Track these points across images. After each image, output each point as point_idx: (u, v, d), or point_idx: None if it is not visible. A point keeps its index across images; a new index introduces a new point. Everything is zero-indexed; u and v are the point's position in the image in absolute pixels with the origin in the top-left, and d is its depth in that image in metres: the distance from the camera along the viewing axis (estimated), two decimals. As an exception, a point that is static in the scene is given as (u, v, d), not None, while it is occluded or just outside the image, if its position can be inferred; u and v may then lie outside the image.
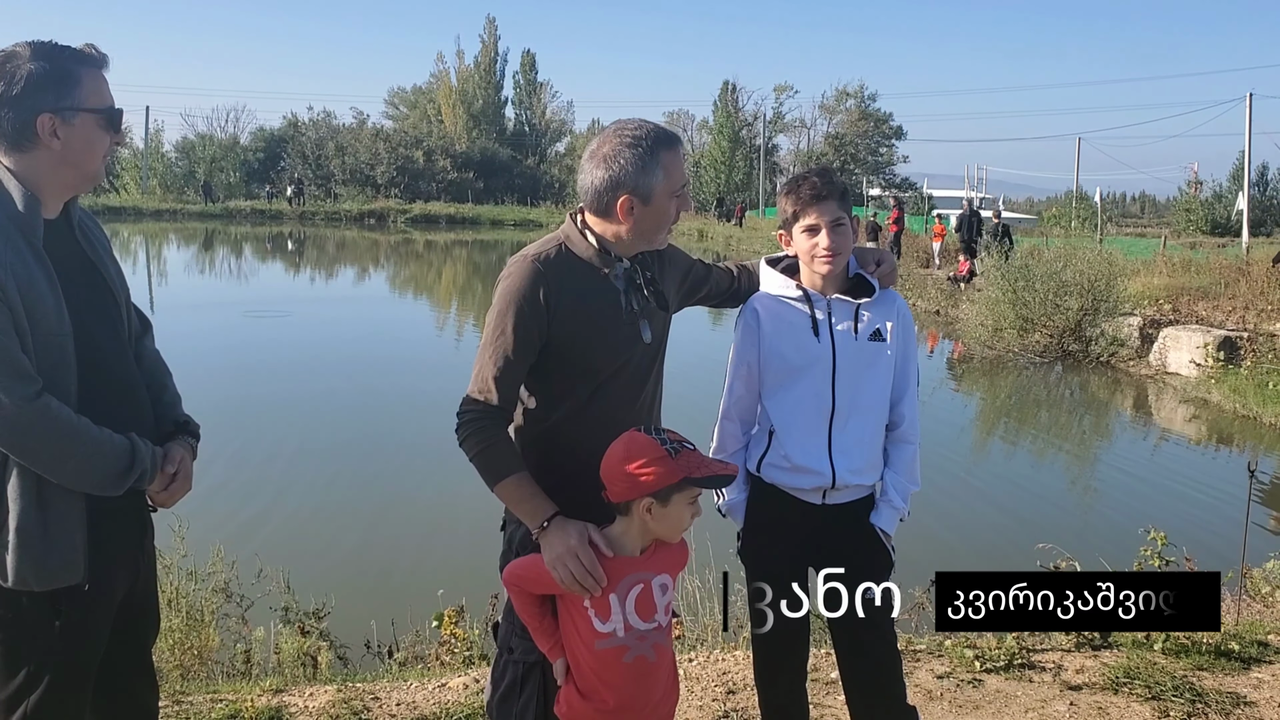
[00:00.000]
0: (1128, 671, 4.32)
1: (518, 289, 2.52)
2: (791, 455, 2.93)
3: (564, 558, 2.35)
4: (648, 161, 2.53)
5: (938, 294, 24.40)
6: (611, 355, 2.60)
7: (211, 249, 40.00)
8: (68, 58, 2.29)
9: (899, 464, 3.06)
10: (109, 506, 2.33)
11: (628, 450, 2.34)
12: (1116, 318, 17.60)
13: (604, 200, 2.57)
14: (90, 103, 2.30)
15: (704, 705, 4.06)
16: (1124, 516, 8.83)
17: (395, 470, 9.88)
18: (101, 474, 2.26)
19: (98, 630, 2.39)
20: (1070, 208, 49.15)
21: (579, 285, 2.57)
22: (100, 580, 2.35)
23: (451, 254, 40.40)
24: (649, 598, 2.41)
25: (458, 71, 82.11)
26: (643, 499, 2.33)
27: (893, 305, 3.01)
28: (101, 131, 2.34)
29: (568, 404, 2.60)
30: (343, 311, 23.06)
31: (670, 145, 2.58)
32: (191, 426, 2.59)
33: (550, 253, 2.59)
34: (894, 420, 3.05)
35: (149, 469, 2.35)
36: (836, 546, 2.97)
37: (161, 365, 2.66)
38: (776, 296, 2.98)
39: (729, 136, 69.24)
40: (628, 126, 2.56)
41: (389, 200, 58.98)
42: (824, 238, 2.86)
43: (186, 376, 2.75)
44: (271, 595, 5.33)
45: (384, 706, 4.03)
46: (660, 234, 2.65)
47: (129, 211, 50.13)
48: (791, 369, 2.93)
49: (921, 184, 65.88)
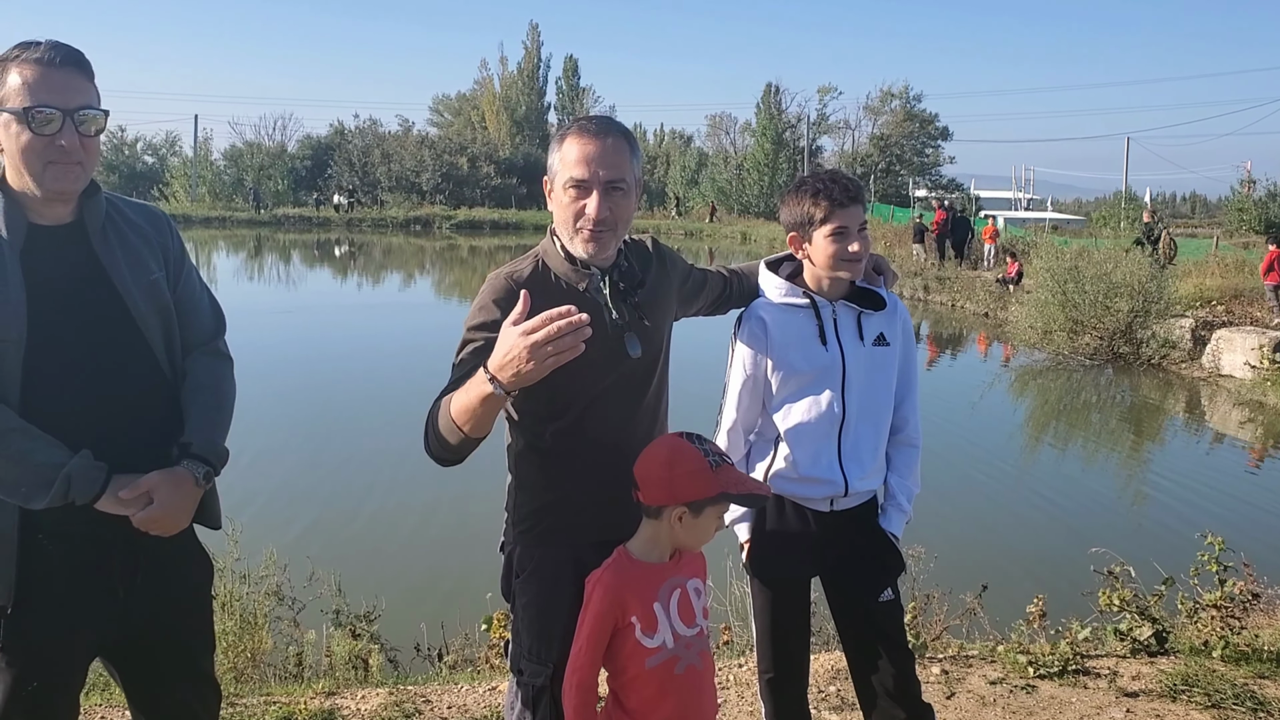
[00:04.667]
0: (1185, 679, 4.25)
1: (485, 305, 2.42)
2: (802, 465, 2.88)
3: (523, 343, 2.08)
4: (553, 144, 2.46)
5: (986, 296, 24.14)
6: (595, 374, 2.43)
7: (260, 255, 40.48)
8: (11, 57, 2.18)
9: (903, 467, 3.03)
10: (63, 531, 2.23)
11: (671, 456, 2.30)
12: (1168, 319, 17.35)
13: (546, 189, 2.52)
14: (10, 103, 2.16)
15: (754, 711, 4.04)
16: (1179, 521, 8.70)
17: (443, 474, 9.92)
18: (21, 483, 2.14)
19: (43, 656, 2.27)
20: (1119, 208, 48.41)
21: (555, 303, 2.24)
22: (38, 607, 2.24)
23: (495, 259, 40.51)
24: (687, 602, 2.39)
25: (501, 78, 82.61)
26: (677, 507, 2.29)
27: (895, 309, 2.98)
28: (24, 131, 2.16)
29: (559, 423, 2.48)
30: (391, 317, 23.26)
31: (580, 133, 2.41)
32: (194, 449, 2.34)
33: (525, 269, 2.48)
34: (897, 423, 3.02)
35: (77, 488, 2.16)
36: (845, 552, 2.95)
37: (203, 383, 2.46)
38: (781, 304, 2.91)
39: (772, 139, 68.88)
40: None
41: (434, 206, 59.46)
42: (855, 243, 2.80)
43: (238, 382, 2.67)
44: (323, 598, 5.38)
45: (435, 709, 4.05)
46: (577, 230, 2.42)
47: (179, 219, 50.35)
48: (801, 378, 2.88)
49: (968, 185, 65.27)
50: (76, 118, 2.21)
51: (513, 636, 2.62)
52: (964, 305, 24.75)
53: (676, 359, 2.74)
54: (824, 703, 4.10)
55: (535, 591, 2.49)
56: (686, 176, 75.79)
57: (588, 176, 2.39)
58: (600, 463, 2.45)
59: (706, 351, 3.67)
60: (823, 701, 4.10)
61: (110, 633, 2.38)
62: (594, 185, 2.39)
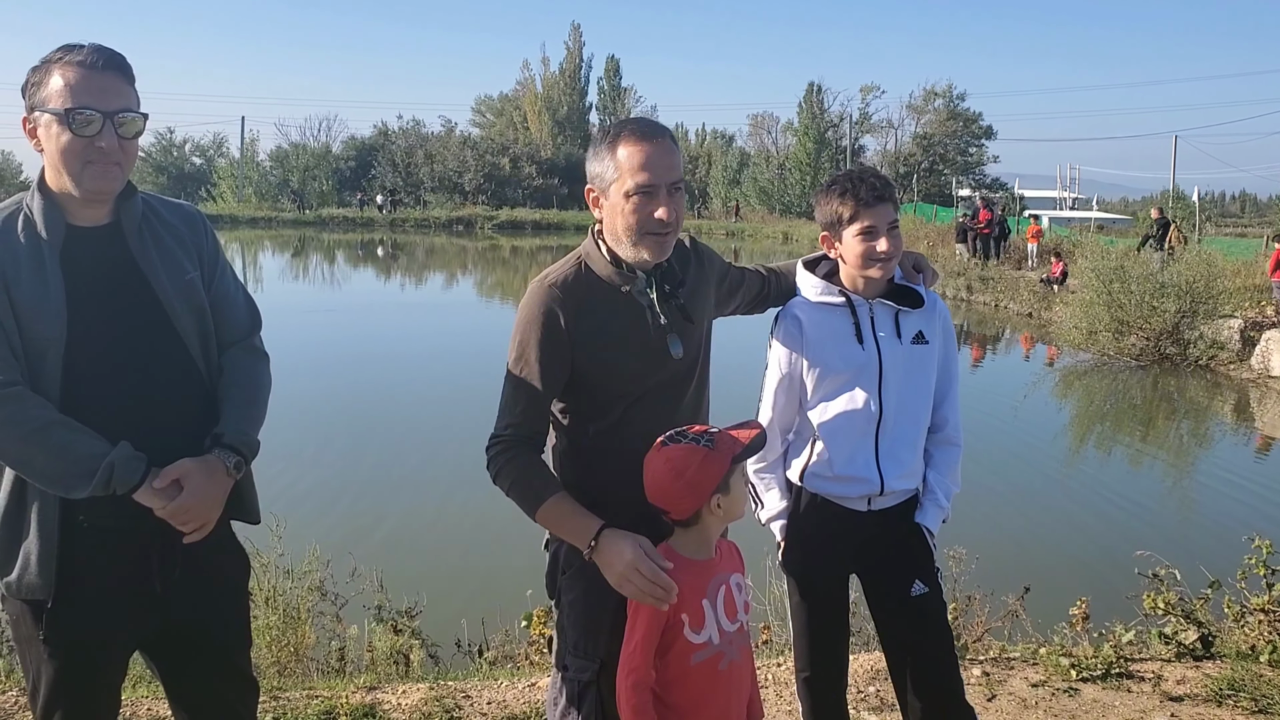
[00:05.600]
0: (1232, 683, 4.19)
1: (533, 317, 2.43)
2: (837, 464, 2.87)
3: (627, 574, 2.25)
4: (603, 152, 2.41)
5: (1030, 296, 23.90)
6: (640, 375, 2.49)
7: (304, 255, 40.88)
8: (54, 60, 2.23)
9: (943, 465, 3.00)
10: (103, 526, 2.27)
11: (672, 466, 2.30)
12: (1216, 320, 17.09)
13: (590, 197, 2.51)
14: (51, 104, 2.21)
15: (793, 710, 4.03)
16: (1226, 524, 8.56)
17: (482, 470, 9.98)
18: (63, 474, 2.18)
19: (83, 649, 2.32)
20: (1167, 208, 47.81)
21: (600, 307, 2.45)
22: (78, 601, 2.28)
23: (537, 259, 40.72)
24: (730, 598, 2.40)
25: (543, 78, 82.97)
26: (710, 499, 2.31)
27: (934, 307, 2.96)
28: (64, 132, 2.21)
29: (601, 423, 2.51)
30: (434, 317, 23.43)
31: (635, 138, 2.38)
32: (226, 439, 2.36)
33: (569, 275, 2.47)
34: (937, 423, 3.00)
35: (119, 477, 2.19)
36: (881, 551, 2.94)
37: (236, 378, 2.49)
38: (818, 303, 2.90)
39: (814, 138, 68.65)
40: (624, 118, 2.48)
41: (476, 207, 59.90)
42: (884, 242, 2.79)
43: (281, 382, 2.71)
44: (365, 594, 5.43)
45: (475, 705, 4.08)
46: (636, 236, 2.41)
47: (225, 219, 51.44)
48: (837, 377, 2.86)
49: (1013, 184, 64.67)
50: (116, 120, 2.24)
51: (557, 632, 2.63)
52: (1007, 305, 24.52)
53: (719, 361, 2.75)
54: (863, 703, 4.08)
55: (582, 588, 2.50)
56: (728, 176, 75.69)
57: (654, 181, 2.37)
58: (641, 463, 2.46)
59: (749, 356, 3.65)
60: (861, 702, 4.09)
61: (149, 627, 2.42)
62: (660, 188, 2.38)
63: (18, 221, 2.26)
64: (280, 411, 2.58)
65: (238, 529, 2.60)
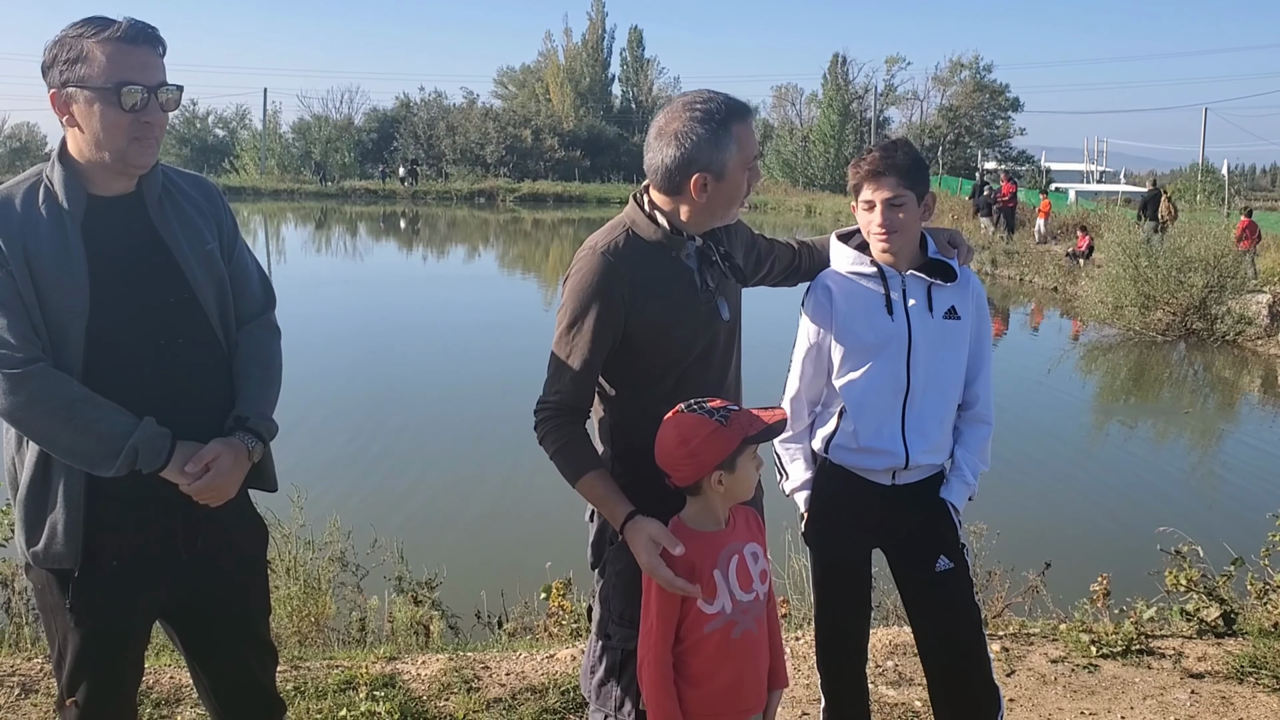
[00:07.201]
0: (1253, 660, 4.16)
1: (590, 285, 2.46)
2: (863, 435, 2.85)
3: (655, 566, 2.32)
4: (720, 136, 2.43)
5: (1055, 270, 23.72)
6: (692, 338, 2.53)
7: (326, 227, 40.97)
8: (88, 34, 2.20)
9: (972, 443, 2.97)
10: (129, 496, 2.28)
11: (680, 433, 2.32)
12: (1244, 295, 16.92)
13: (675, 179, 2.47)
14: (94, 80, 2.19)
15: (810, 684, 4.04)
16: (1251, 501, 8.51)
17: (504, 444, 10.01)
18: (89, 451, 2.19)
19: (109, 617, 2.35)
20: (1195, 181, 47.24)
21: (651, 272, 2.49)
22: (104, 569, 2.30)
23: (559, 232, 40.67)
24: (744, 568, 2.40)
25: (565, 50, 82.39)
26: (712, 473, 2.31)
27: (967, 282, 2.92)
28: (110, 109, 2.20)
29: (654, 390, 2.52)
30: (456, 289, 23.43)
31: (742, 117, 2.47)
32: (250, 423, 2.39)
33: (619, 241, 2.51)
34: (968, 400, 2.97)
35: (145, 455, 2.21)
36: (905, 525, 2.92)
37: (255, 356, 2.50)
38: (849, 273, 2.88)
39: (839, 110, 68.08)
40: (697, 100, 2.45)
41: (498, 179, 59.64)
42: (877, 215, 2.76)
43: (304, 354, 2.72)
44: (386, 565, 5.46)
45: (494, 676, 4.10)
46: (733, 209, 2.56)
47: (248, 191, 51.50)
48: (865, 348, 2.84)
49: (1039, 157, 64.04)
50: (159, 94, 2.26)
51: (601, 602, 2.65)
52: (1033, 279, 24.34)
53: (750, 338, 2.77)
54: (881, 678, 4.08)
55: (630, 558, 2.49)
56: (751, 149, 75.09)
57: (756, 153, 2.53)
58: None
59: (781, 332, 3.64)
60: (880, 676, 4.09)
61: (172, 596, 2.44)
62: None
63: (38, 193, 2.25)
64: (306, 383, 2.59)
65: (257, 499, 2.62)
